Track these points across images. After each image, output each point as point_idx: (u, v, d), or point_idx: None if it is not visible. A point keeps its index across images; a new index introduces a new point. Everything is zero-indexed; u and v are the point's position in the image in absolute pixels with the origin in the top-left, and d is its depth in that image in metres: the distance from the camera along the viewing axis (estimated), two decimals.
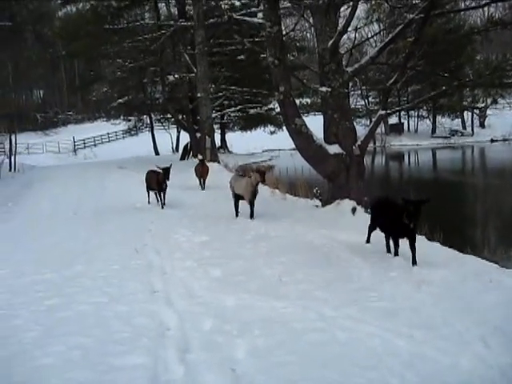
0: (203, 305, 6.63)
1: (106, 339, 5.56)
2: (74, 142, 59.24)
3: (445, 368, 4.78)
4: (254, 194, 12.87)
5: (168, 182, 14.85)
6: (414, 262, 8.42)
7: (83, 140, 60.78)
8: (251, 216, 12.89)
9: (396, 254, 8.96)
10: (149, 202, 15.56)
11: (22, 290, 7.54)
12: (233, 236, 11.09)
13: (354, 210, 13.10)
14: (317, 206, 14.59)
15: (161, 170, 14.85)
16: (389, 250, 9.29)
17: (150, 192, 15.66)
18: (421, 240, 11.30)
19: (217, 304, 6.64)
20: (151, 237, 11.18)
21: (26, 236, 12.07)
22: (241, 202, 13.32)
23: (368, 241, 9.97)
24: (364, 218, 12.87)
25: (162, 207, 14.83)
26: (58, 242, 11.01)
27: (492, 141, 63.06)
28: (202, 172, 19.16)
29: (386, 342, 5.35)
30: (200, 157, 21.22)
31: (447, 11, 15.30)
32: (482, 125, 69.99)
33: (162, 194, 14.97)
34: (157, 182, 14.88)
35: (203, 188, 18.83)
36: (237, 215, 13.26)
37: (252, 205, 12.96)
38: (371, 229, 9.90)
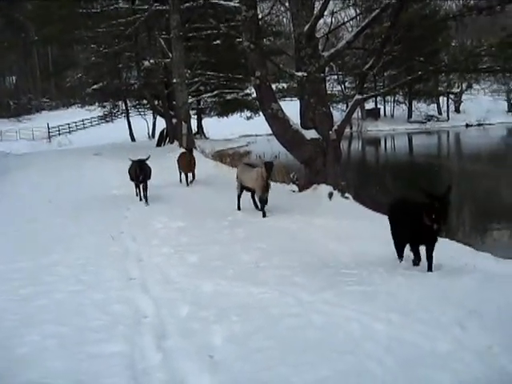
0: (180, 291, 6.60)
1: (82, 327, 5.50)
2: (49, 128, 58.36)
3: (423, 351, 4.81)
4: (267, 188, 11.60)
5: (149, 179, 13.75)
6: (430, 269, 7.13)
7: (58, 127, 59.87)
8: (263, 214, 11.54)
9: (416, 263, 7.43)
10: (137, 195, 14.09)
11: None
12: (210, 222, 11.06)
13: (330, 195, 13.15)
14: (294, 191, 14.61)
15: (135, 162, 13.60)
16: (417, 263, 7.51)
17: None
18: None
19: (193, 290, 6.62)
20: (128, 224, 11.12)
21: (1, 224, 11.90)
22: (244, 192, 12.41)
23: (401, 256, 7.71)
24: (340, 202, 12.96)
25: (141, 199, 13.70)
26: (33, 231, 10.88)
27: (467, 126, 63.76)
28: (187, 165, 16.21)
29: (363, 327, 5.36)
30: (184, 145, 20.33)
31: None
32: (457, 110, 70.70)
33: (141, 187, 13.70)
34: (135, 173, 13.60)
35: (188, 184, 16.24)
36: (239, 208, 12.37)
37: (263, 201, 11.65)
38: (400, 243, 7.69)
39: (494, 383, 4.33)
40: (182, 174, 16.61)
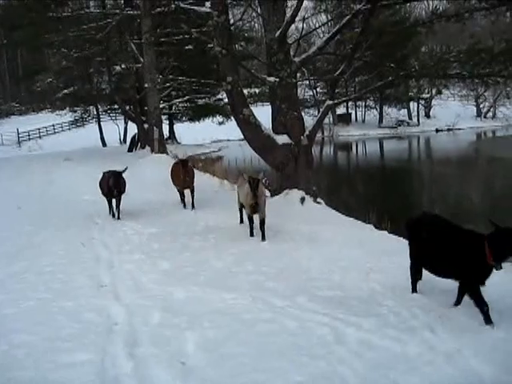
0: (151, 298, 6.55)
1: (52, 336, 5.41)
2: (18, 133, 57.52)
3: (393, 355, 4.85)
4: (255, 206, 9.85)
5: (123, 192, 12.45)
6: (458, 303, 6.00)
7: (28, 132, 59.09)
8: (262, 237, 9.82)
9: (457, 302, 6.02)
10: (109, 212, 12.66)
11: None
12: (182, 228, 11.01)
13: (302, 200, 13.19)
14: (266, 196, 14.61)
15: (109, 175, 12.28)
16: (415, 290, 6.56)
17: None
18: (369, 229, 11.53)
19: (165, 297, 6.58)
20: (98, 230, 11.01)
21: None
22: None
23: (415, 290, 6.57)
24: (312, 207, 13.01)
25: (114, 216, 12.36)
26: (2, 237, 10.68)
27: (437, 131, 64.68)
28: (182, 180, 13.37)
29: (335, 331, 5.39)
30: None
31: (393, 2, 15.47)
32: (427, 115, 71.68)
33: (116, 202, 12.43)
34: (107, 186, 12.23)
35: (192, 206, 13.35)
36: (241, 221, 11.26)
37: (262, 223, 9.93)
38: (416, 270, 6.52)
39: None
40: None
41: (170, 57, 34.20)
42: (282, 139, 13.83)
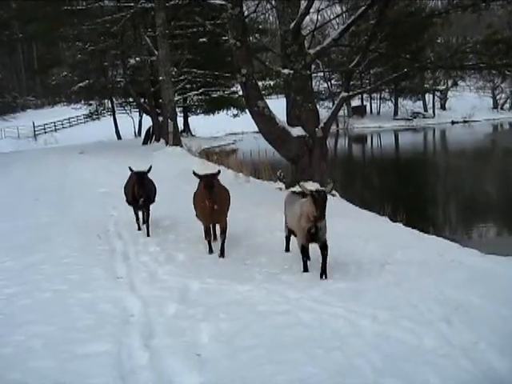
0: (167, 290, 6.57)
1: (68, 327, 5.45)
2: (34, 127, 57.92)
3: (408, 348, 4.84)
4: (313, 235, 7.09)
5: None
6: None
7: (43, 125, 59.48)
8: (303, 268, 7.42)
9: None
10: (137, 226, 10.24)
11: None
12: (197, 221, 11.02)
13: None
14: (280, 189, 14.61)
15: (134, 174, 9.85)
16: None
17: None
18: (384, 221, 11.49)
19: (180, 289, 6.60)
20: (114, 222, 11.04)
21: None
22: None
23: None
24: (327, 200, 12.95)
25: (140, 229, 10.19)
26: (18, 229, 10.75)
27: (453, 123, 64.14)
28: (209, 211, 8.24)
29: (350, 324, 5.38)
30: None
31: None
32: (442, 107, 71.10)
33: (143, 214, 10.29)
34: (132, 192, 9.84)
35: (222, 252, 8.35)
36: (287, 250, 8.56)
37: (305, 253, 7.41)
38: None
39: (479, 379, 4.35)
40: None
41: (184, 49, 34.23)
42: (297, 131, 13.81)
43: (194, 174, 8.40)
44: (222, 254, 8.29)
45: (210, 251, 8.56)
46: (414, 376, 4.35)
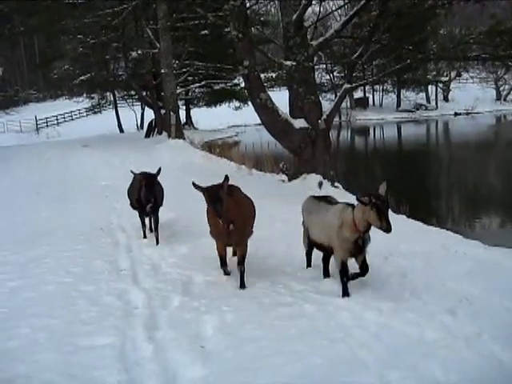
0: (170, 282, 6.59)
1: (72, 320, 5.47)
2: (36, 120, 57.98)
3: (412, 339, 4.83)
4: (359, 247, 6.11)
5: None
6: None
7: (45, 119, 59.52)
8: (343, 293, 6.00)
9: None
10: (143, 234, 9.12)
11: None
12: (200, 213, 11.00)
13: (320, 184, 13.16)
14: (283, 181, 14.60)
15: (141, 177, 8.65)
16: None
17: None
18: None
19: (184, 281, 6.61)
20: (117, 215, 11.04)
21: None
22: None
23: None
24: (330, 192, 12.95)
25: (145, 237, 9.08)
26: (21, 223, 10.77)
27: (455, 114, 63.93)
28: (223, 231, 6.52)
29: (354, 315, 5.38)
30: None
31: None
32: (445, 98, 70.82)
33: (150, 220, 9.38)
34: (138, 196, 8.77)
35: (242, 283, 6.43)
36: (309, 265, 7.18)
37: (344, 274, 6.07)
38: None
39: (482, 370, 4.35)
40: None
41: (186, 42, 34.16)
42: (300, 123, 13.78)
43: (194, 185, 6.50)
44: (242, 286, 6.40)
45: (225, 270, 6.88)
46: (417, 367, 4.35)
